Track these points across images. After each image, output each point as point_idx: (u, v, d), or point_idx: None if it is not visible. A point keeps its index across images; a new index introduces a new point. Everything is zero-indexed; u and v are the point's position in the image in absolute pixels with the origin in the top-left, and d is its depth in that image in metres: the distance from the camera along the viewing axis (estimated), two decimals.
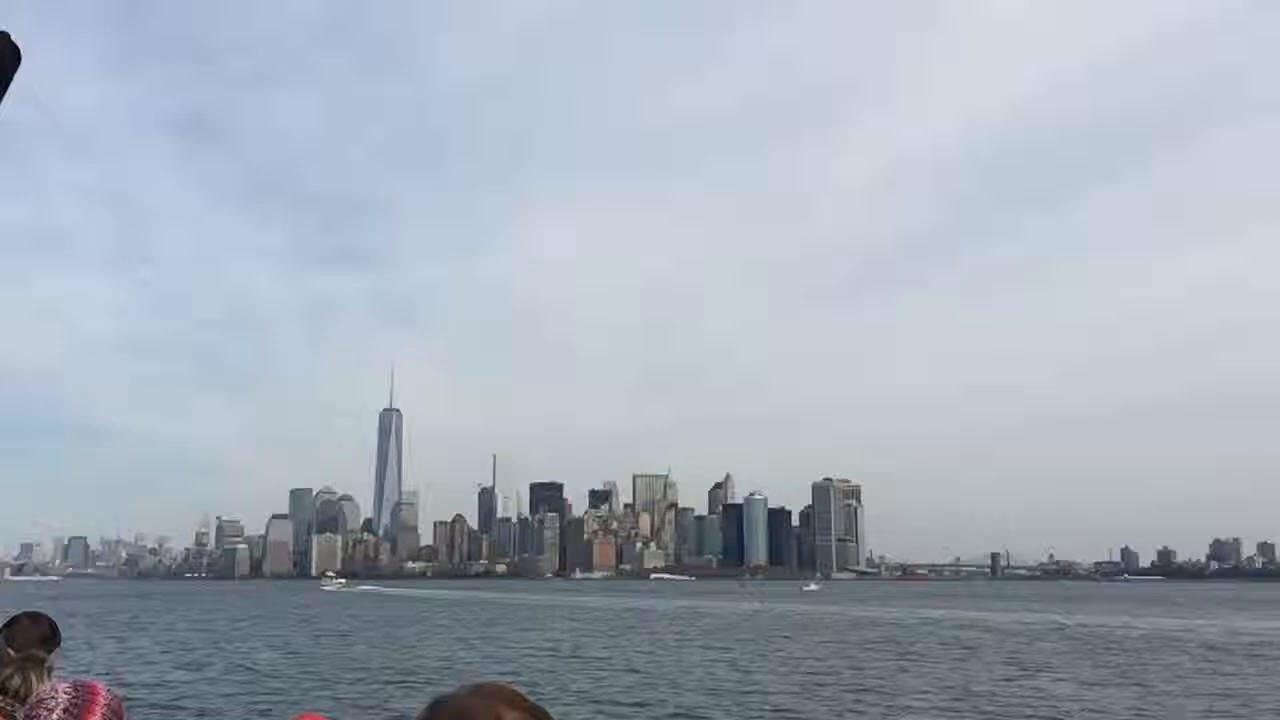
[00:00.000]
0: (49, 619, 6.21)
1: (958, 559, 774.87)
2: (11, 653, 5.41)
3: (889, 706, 33.43)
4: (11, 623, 6.06)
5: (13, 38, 4.95)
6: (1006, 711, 32.73)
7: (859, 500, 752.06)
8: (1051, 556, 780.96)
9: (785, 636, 68.67)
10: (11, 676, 4.92)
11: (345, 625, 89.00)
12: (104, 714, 4.03)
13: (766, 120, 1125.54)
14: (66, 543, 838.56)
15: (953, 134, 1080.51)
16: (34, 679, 4.94)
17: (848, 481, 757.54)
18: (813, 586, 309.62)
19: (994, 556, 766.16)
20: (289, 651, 59.15)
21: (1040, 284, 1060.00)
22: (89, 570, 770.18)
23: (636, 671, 42.78)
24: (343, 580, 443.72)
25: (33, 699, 4.67)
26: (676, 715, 29.95)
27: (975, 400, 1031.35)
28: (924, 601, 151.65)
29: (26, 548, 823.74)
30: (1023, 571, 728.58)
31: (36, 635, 5.97)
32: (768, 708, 32.79)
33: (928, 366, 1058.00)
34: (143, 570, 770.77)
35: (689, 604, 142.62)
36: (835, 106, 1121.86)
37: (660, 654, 53.78)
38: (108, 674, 42.64)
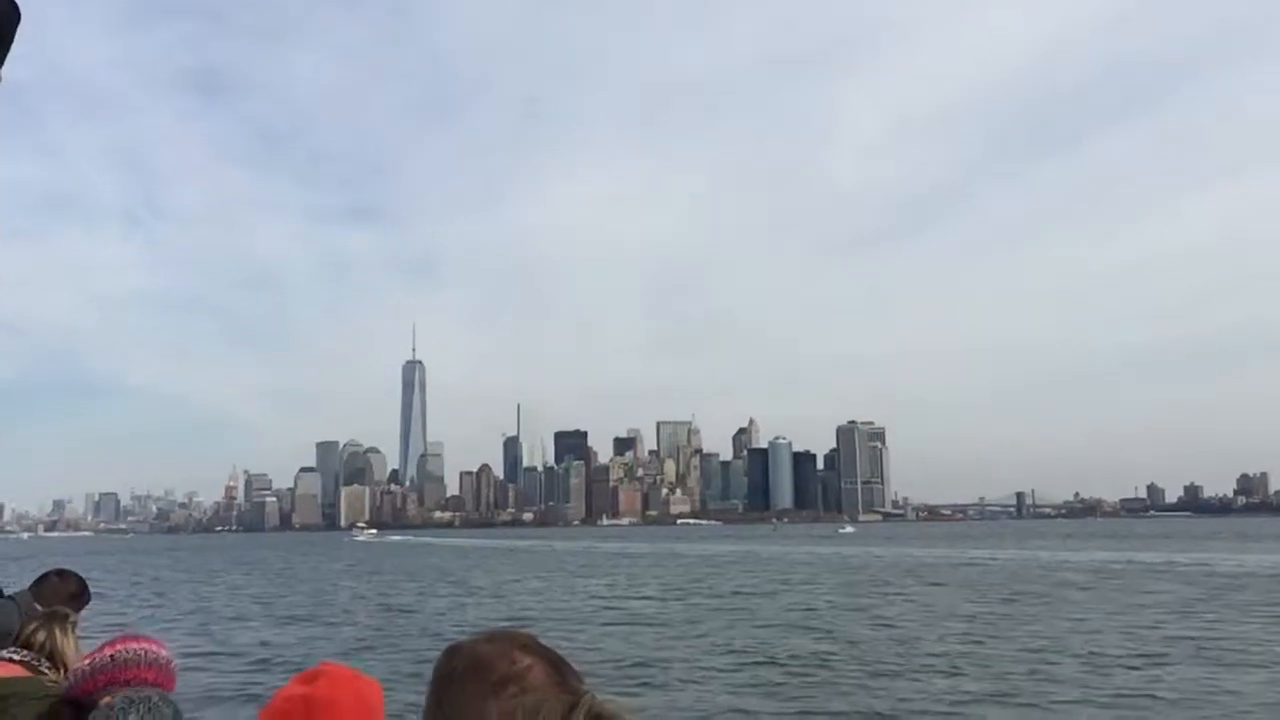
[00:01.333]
0: (78, 576, 6.26)
1: (982, 499, 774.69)
2: (39, 609, 5.46)
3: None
4: (41, 580, 6.12)
5: None
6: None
7: (884, 442, 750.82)
8: (1077, 495, 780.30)
9: (934, 584, 62.79)
10: (36, 631, 4.97)
11: (406, 577, 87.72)
12: (154, 669, 4.07)
13: (781, 73, 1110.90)
14: (98, 499, 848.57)
15: (971, 80, 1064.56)
16: (58, 634, 4.99)
17: (872, 423, 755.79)
18: (848, 529, 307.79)
19: (1019, 496, 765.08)
20: (381, 605, 57.87)
21: (1064, 229, 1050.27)
22: (121, 525, 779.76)
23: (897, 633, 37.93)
24: (374, 531, 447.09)
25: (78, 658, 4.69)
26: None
27: (999, 345, 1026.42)
28: (980, 543, 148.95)
29: (59, 504, 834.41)
30: (1048, 510, 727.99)
31: (65, 592, 6.03)
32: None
33: (952, 314, 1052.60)
34: (173, 524, 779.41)
35: (751, 548, 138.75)
36: (851, 55, 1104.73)
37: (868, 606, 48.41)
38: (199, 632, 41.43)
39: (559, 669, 2.17)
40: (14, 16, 4.78)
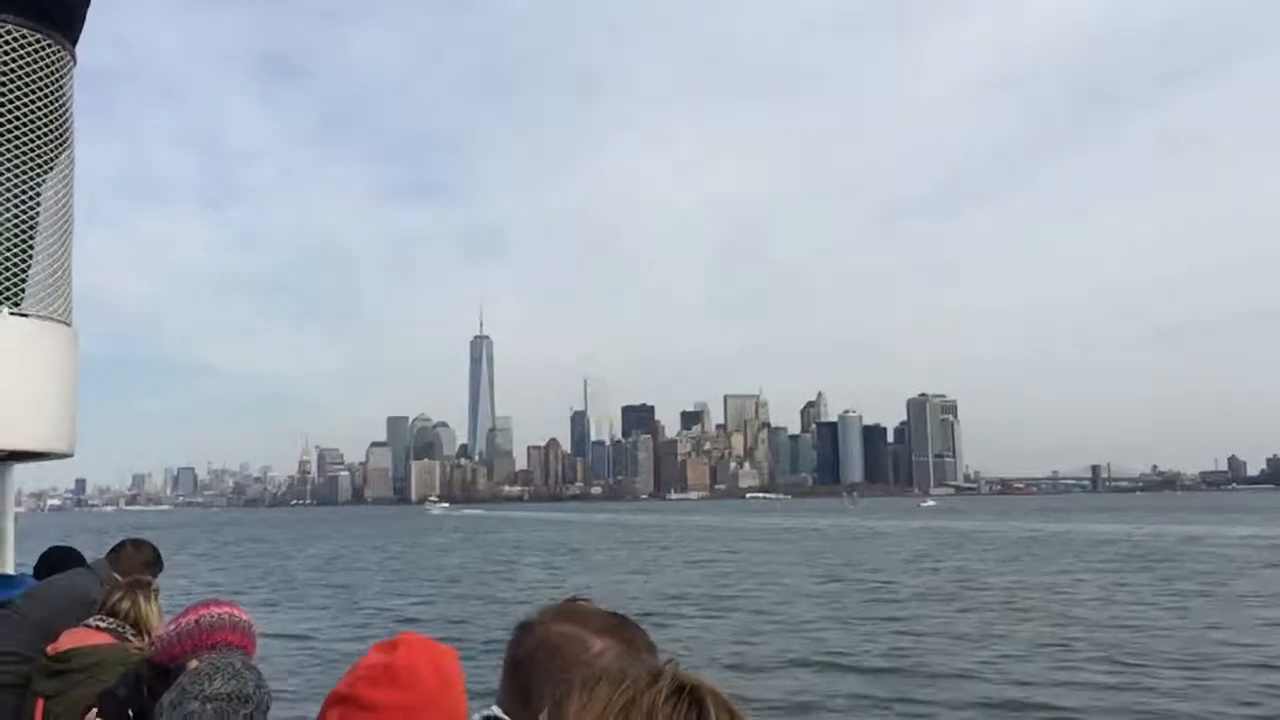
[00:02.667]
0: (152, 544, 6.38)
1: (1055, 472, 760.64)
2: (118, 578, 5.55)
3: None
4: (117, 548, 6.23)
5: None
6: None
7: (955, 415, 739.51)
8: (1155, 467, 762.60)
9: (1109, 565, 56.48)
10: (121, 600, 5.06)
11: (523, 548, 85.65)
12: (238, 633, 4.12)
13: (846, 34, 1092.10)
14: (175, 473, 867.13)
15: (1044, 40, 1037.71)
16: (141, 602, 5.09)
17: (943, 396, 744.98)
18: (931, 503, 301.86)
19: (1094, 469, 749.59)
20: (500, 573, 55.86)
21: (1139, 192, 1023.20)
22: (198, 499, 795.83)
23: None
24: (446, 504, 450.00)
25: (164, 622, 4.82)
26: None
27: (1072, 311, 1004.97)
28: (1090, 516, 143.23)
29: (139, 479, 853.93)
30: (1124, 484, 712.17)
31: (140, 560, 6.13)
32: None
33: (1024, 279, 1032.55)
34: (249, 498, 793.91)
35: (860, 523, 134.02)
36: (920, 14, 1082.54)
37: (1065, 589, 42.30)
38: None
39: (633, 646, 2.08)
40: (74, 5, 5.69)
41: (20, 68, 5.63)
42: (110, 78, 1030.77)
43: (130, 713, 4.08)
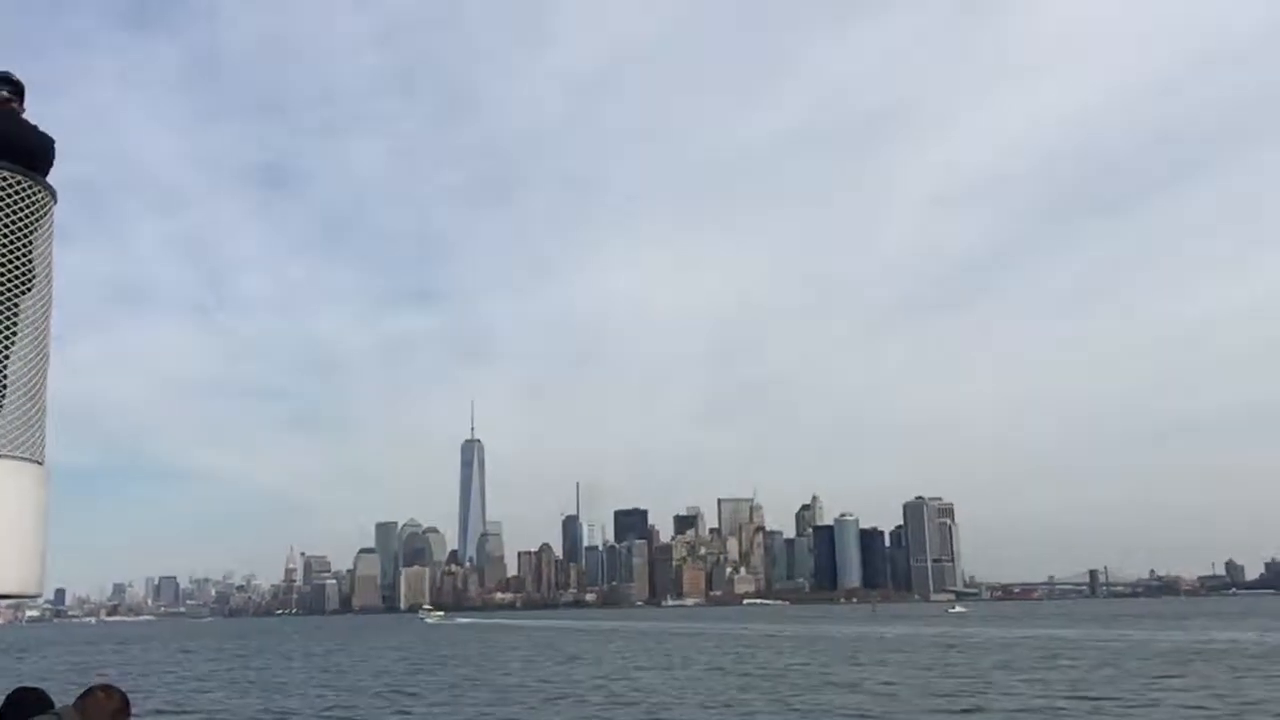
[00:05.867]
0: (121, 693, 6.25)
1: (1051, 577, 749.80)
2: None
3: None
4: (86, 694, 6.11)
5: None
6: None
7: (953, 519, 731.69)
8: (1153, 572, 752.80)
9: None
10: None
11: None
12: None
13: (834, 141, 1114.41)
14: (157, 582, 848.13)
15: (1027, 144, 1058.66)
16: None
17: (940, 499, 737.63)
18: (959, 609, 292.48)
19: (1092, 574, 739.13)
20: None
21: (1128, 289, 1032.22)
22: (180, 609, 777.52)
23: None
24: (441, 613, 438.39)
25: None
26: None
27: (1063, 414, 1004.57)
28: (1120, 623, 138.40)
29: (119, 588, 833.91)
30: (1122, 589, 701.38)
31: (110, 709, 6.00)
32: None
33: (1013, 382, 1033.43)
34: (233, 608, 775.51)
35: (954, 630, 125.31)
36: (905, 123, 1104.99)
37: None
38: None
39: None
40: (50, 144, 6.49)
41: (2, 212, 5.81)
42: (102, 187, 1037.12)
43: None
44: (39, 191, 6.05)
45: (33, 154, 6.36)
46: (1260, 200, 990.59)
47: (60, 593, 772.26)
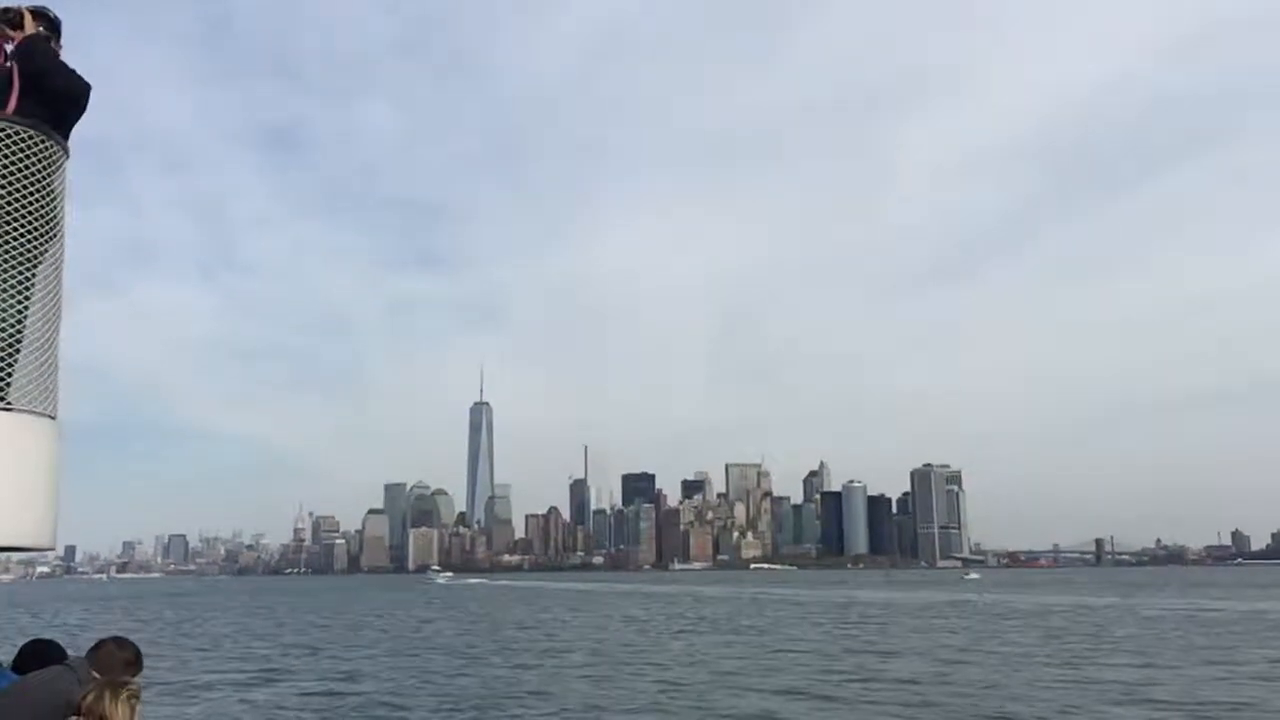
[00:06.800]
0: (133, 644, 6.31)
1: (1056, 545, 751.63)
2: (96, 676, 5.54)
3: None
4: (98, 646, 6.18)
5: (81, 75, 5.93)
6: None
7: (960, 486, 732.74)
8: (1159, 541, 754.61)
9: None
10: (93, 702, 5.04)
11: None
12: None
13: (844, 112, 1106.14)
14: (167, 541, 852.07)
15: (1033, 117, 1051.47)
16: (108, 702, 5.05)
17: (948, 466, 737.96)
18: (974, 575, 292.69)
19: (1098, 542, 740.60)
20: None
21: (1137, 260, 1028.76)
22: (189, 567, 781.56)
23: None
24: (450, 574, 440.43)
25: None
26: None
27: (1072, 384, 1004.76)
28: (1184, 591, 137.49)
29: (128, 546, 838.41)
30: (1128, 558, 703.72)
31: (121, 660, 6.07)
32: None
33: (1020, 350, 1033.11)
34: (242, 566, 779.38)
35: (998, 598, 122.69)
36: (914, 94, 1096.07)
37: None
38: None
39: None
40: (85, 89, 6.10)
41: (12, 164, 5.78)
42: (114, 146, 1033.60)
43: None
44: (53, 146, 5.97)
45: (68, 97, 6.16)
46: (1269, 174, 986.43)
47: (71, 549, 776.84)
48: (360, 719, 31.68)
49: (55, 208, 6.01)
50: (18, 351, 5.82)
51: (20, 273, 5.77)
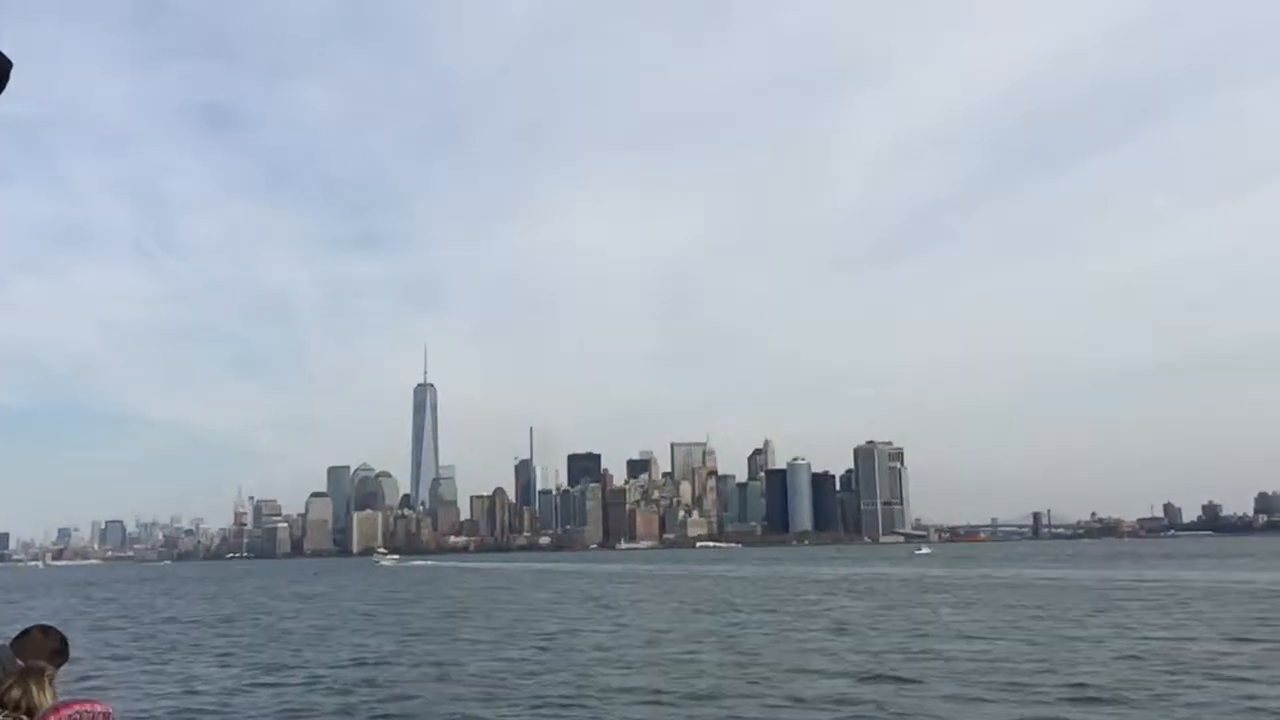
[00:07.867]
0: (60, 633, 6.22)
1: (994, 520, 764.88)
2: (20, 663, 5.44)
3: None
4: (24, 634, 6.11)
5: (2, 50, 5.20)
6: None
7: (903, 462, 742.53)
8: (1094, 514, 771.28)
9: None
10: (11, 689, 4.95)
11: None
12: None
13: (784, 93, 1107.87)
14: (104, 526, 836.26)
15: (972, 98, 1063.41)
16: (34, 691, 4.96)
17: (890, 444, 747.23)
18: (925, 550, 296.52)
19: (1035, 516, 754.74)
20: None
21: (1070, 241, 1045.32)
22: (128, 553, 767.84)
23: None
24: (396, 556, 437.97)
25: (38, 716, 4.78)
26: None
27: (1009, 361, 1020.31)
28: (1093, 563, 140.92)
29: (64, 533, 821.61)
30: (1064, 531, 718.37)
31: (47, 648, 5.99)
32: None
33: (958, 329, 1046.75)
34: (181, 551, 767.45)
35: (928, 571, 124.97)
36: (853, 76, 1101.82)
37: None
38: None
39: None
40: (7, 66, 5.73)
41: None
42: (46, 127, 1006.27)
43: None
44: None
45: None
46: (1199, 154, 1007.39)
47: (3, 536, 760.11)
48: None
49: None
50: None
51: None
